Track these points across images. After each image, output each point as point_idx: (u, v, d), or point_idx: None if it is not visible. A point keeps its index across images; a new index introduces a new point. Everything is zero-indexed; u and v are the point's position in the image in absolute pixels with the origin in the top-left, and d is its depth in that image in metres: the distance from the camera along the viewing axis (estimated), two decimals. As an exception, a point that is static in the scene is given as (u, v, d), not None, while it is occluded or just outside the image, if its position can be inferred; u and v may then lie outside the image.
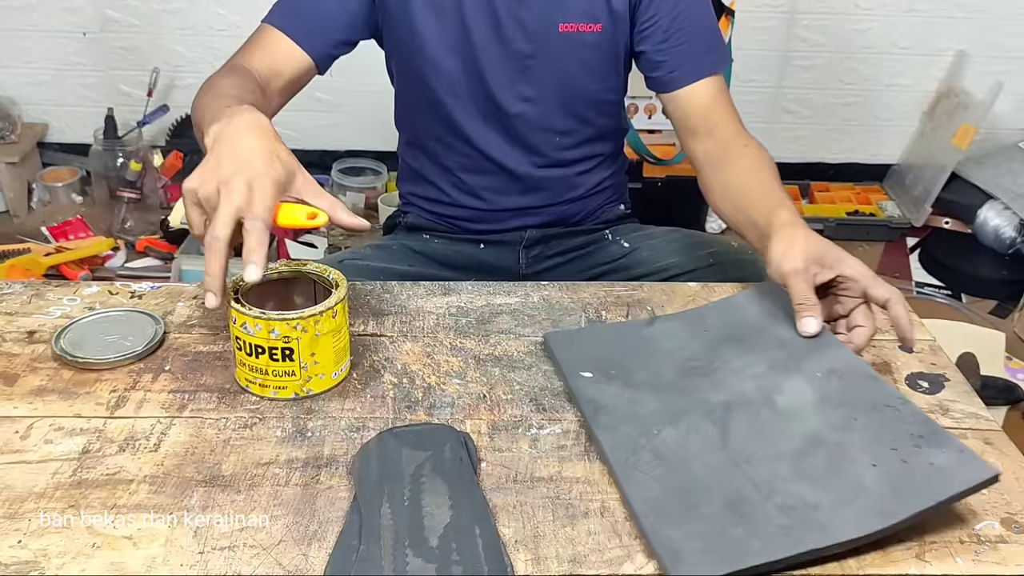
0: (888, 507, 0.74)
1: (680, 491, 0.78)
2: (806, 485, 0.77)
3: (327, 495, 0.79)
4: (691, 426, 0.85)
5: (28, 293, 1.07)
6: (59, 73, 2.83)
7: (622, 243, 1.39)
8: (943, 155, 2.74)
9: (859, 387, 0.88)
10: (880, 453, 0.79)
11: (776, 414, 0.86)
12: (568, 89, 1.28)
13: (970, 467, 0.77)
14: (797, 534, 0.73)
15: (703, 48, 1.26)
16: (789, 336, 0.95)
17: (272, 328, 0.87)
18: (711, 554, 0.71)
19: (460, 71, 1.25)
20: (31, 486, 0.78)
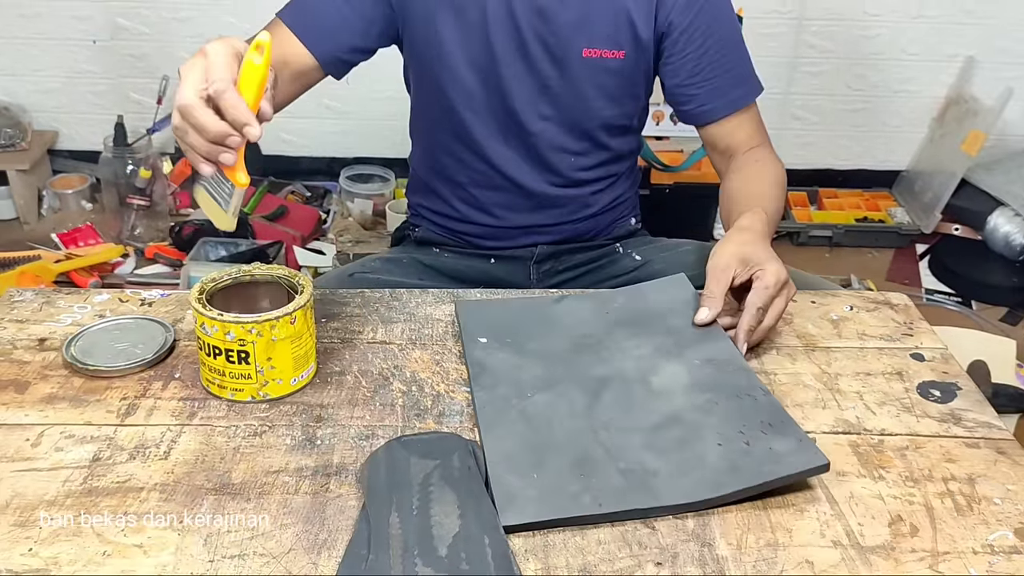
0: (720, 480, 0.80)
1: (533, 447, 0.84)
2: (652, 454, 0.83)
3: (336, 503, 0.79)
4: (563, 393, 0.92)
5: (39, 301, 1.08)
6: (69, 81, 2.84)
7: (634, 256, 1.39)
8: (953, 161, 2.73)
9: (728, 376, 0.94)
10: (728, 434, 0.85)
11: (647, 392, 0.92)
12: (585, 112, 1.28)
13: (805, 455, 0.82)
14: (628, 495, 0.79)
15: (733, 82, 1.28)
16: (681, 326, 1.02)
17: (228, 330, 0.87)
18: (542, 503, 0.78)
19: (481, 86, 1.24)
20: (42, 494, 0.78)
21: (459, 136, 1.29)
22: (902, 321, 1.11)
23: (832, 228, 2.76)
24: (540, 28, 1.21)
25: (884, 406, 0.95)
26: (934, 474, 0.85)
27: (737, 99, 1.28)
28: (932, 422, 0.93)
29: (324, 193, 2.92)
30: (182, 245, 2.52)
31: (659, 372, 0.95)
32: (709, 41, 1.24)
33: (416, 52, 1.27)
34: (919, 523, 0.79)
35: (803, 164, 3.02)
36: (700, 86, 1.26)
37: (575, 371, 0.95)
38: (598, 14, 1.21)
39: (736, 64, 1.28)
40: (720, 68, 1.26)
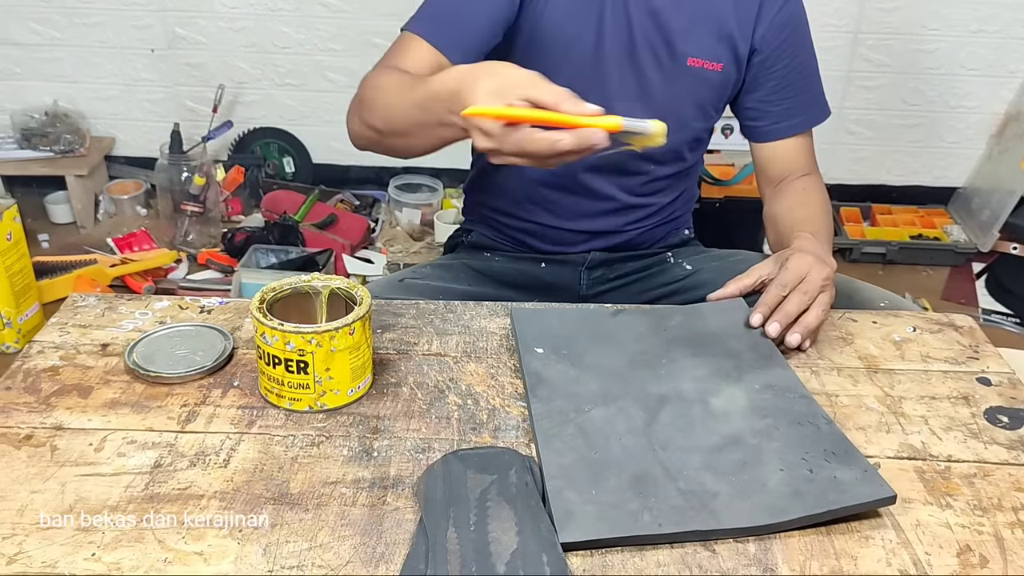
0: (783, 505, 0.78)
1: (592, 462, 0.83)
2: (712, 476, 0.82)
3: (394, 516, 0.79)
4: (621, 409, 0.91)
5: (101, 306, 1.09)
6: (127, 89, 2.89)
7: (684, 265, 1.38)
8: (1012, 179, 2.69)
9: (789, 402, 0.92)
10: (790, 460, 0.84)
11: (706, 413, 0.91)
12: (679, 122, 1.27)
13: (870, 486, 0.81)
14: (688, 516, 0.77)
15: (808, 102, 1.29)
16: (740, 349, 1.01)
17: (288, 340, 0.88)
18: (601, 520, 0.77)
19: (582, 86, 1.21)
20: (104, 499, 0.79)
21: None
22: (967, 344, 1.09)
23: (886, 245, 2.73)
24: (651, 32, 1.21)
25: (950, 431, 0.93)
26: (1003, 503, 0.83)
27: (807, 120, 1.30)
28: (1000, 449, 0.91)
29: (373, 202, 2.93)
30: (233, 251, 2.55)
31: (718, 394, 0.93)
32: (794, 62, 1.26)
33: (518, 47, 1.23)
34: (989, 554, 0.77)
35: (856, 179, 2.99)
36: (777, 104, 1.28)
37: (632, 387, 0.94)
38: (705, 24, 1.22)
39: (811, 87, 1.30)
40: (797, 89, 1.28)
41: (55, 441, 0.86)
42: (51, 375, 0.96)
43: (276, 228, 2.60)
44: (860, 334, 1.10)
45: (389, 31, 2.63)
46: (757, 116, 1.30)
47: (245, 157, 2.91)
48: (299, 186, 2.92)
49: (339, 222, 2.74)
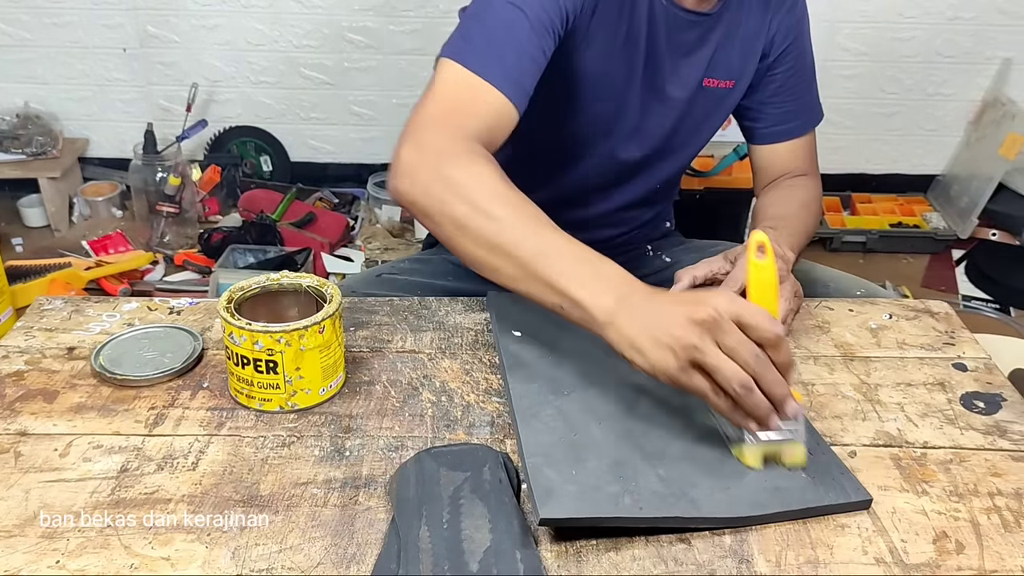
0: (761, 500, 0.78)
1: (572, 444, 0.83)
2: (692, 466, 0.82)
3: (365, 516, 0.78)
4: (600, 394, 0.91)
5: (68, 309, 1.08)
6: (100, 89, 2.87)
7: (664, 257, 1.38)
8: (990, 165, 2.70)
9: None
10: None
11: (684, 404, 0.90)
12: (690, 141, 1.27)
13: (847, 488, 0.81)
14: (668, 501, 0.77)
15: (804, 107, 1.28)
16: None
17: (256, 340, 0.87)
18: (582, 500, 0.76)
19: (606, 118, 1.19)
20: (70, 505, 0.78)
21: (554, 156, 1.24)
22: (943, 330, 1.09)
23: (866, 233, 2.74)
24: (678, 60, 1.16)
25: (926, 418, 0.93)
26: (980, 489, 0.83)
27: (803, 124, 1.29)
28: (977, 434, 0.91)
29: (352, 200, 2.92)
30: (211, 252, 2.53)
31: None
32: (796, 65, 1.25)
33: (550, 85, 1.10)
34: (965, 540, 0.77)
35: (836, 169, 3.00)
36: (777, 106, 1.27)
37: (611, 374, 0.93)
38: (728, 45, 1.18)
39: (808, 90, 1.29)
40: (797, 92, 1.27)
41: (19, 447, 0.85)
42: (15, 380, 0.94)
43: (254, 228, 2.59)
44: (836, 322, 1.09)
45: (364, 27, 2.63)
46: (755, 117, 1.28)
47: (221, 156, 2.89)
48: (277, 185, 2.90)
49: (318, 220, 2.72)
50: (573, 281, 0.83)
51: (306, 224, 2.69)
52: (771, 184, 1.30)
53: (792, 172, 1.30)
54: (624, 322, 0.81)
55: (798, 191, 1.26)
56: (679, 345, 0.77)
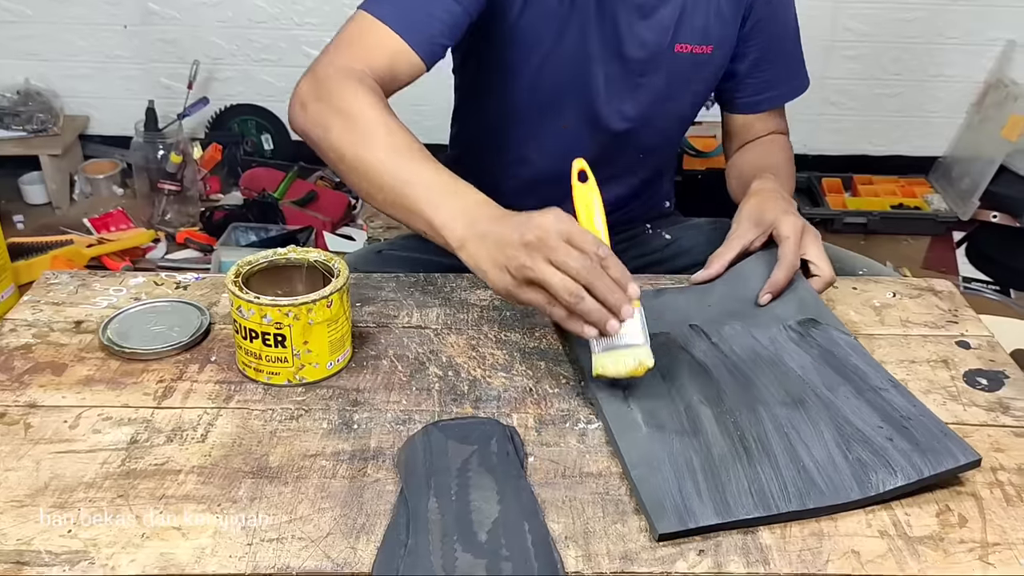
0: (869, 479, 0.78)
1: (673, 451, 0.81)
2: (789, 457, 0.81)
3: (374, 488, 0.79)
4: (687, 395, 0.89)
5: (75, 283, 1.08)
6: (100, 66, 2.87)
7: (663, 235, 1.38)
8: (992, 147, 2.71)
9: (855, 366, 0.93)
10: (869, 430, 0.84)
11: (778, 374, 0.91)
12: (667, 109, 1.25)
13: (954, 450, 0.81)
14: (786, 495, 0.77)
15: (785, 76, 1.28)
16: (788, 313, 1.01)
17: (265, 313, 0.87)
18: (693, 508, 0.75)
19: (570, 83, 1.20)
20: (80, 476, 0.79)
21: (527, 134, 1.24)
22: (947, 308, 1.10)
23: (867, 215, 2.75)
24: (637, 24, 1.16)
25: (930, 394, 0.93)
26: (983, 464, 0.83)
27: (785, 94, 1.29)
28: (979, 411, 0.91)
29: (353, 179, 2.93)
30: (212, 230, 2.54)
31: (779, 364, 0.93)
32: (777, 32, 1.24)
33: (494, 46, 1.18)
34: (967, 513, 0.78)
35: (838, 150, 3.01)
36: (757, 76, 1.27)
37: (691, 372, 0.92)
38: (695, 7, 1.18)
39: (792, 57, 1.28)
40: (779, 60, 1.26)
41: (29, 419, 0.86)
42: (24, 353, 0.95)
43: (255, 206, 2.59)
44: (841, 300, 1.10)
45: (366, 4, 2.61)
46: (735, 87, 1.28)
47: (222, 134, 2.90)
48: (278, 163, 2.90)
49: (319, 199, 2.73)
50: (430, 208, 0.90)
51: (308, 203, 2.70)
52: (747, 144, 1.30)
53: (760, 132, 1.31)
54: (472, 247, 0.88)
55: (779, 147, 1.27)
56: (512, 266, 0.84)
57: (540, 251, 0.83)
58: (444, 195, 0.91)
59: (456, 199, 0.91)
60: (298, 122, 1.02)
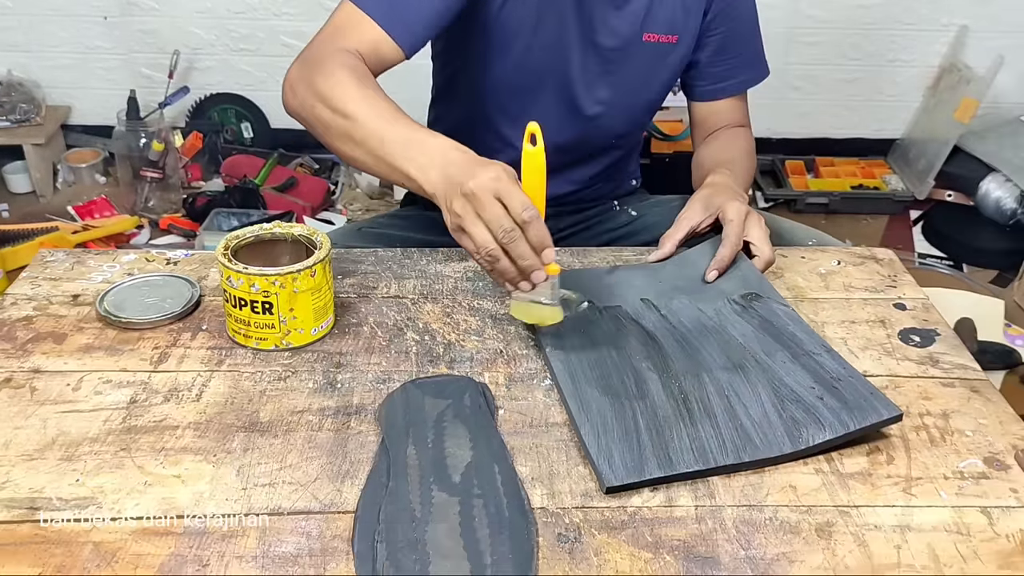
0: (804, 435, 0.84)
1: (621, 411, 0.88)
2: (727, 416, 0.87)
3: (357, 439, 0.85)
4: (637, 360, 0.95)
5: (70, 261, 1.13)
6: (81, 57, 2.88)
7: (630, 211, 1.45)
8: (946, 129, 2.77)
9: (791, 334, 0.99)
10: (802, 391, 0.90)
11: (721, 342, 0.98)
12: (638, 95, 1.32)
13: (879, 407, 0.87)
14: (725, 449, 0.83)
15: (746, 64, 1.34)
16: (732, 288, 1.07)
17: (253, 283, 0.93)
18: (639, 463, 0.81)
19: (547, 68, 1.26)
20: (85, 431, 0.85)
21: (507, 118, 1.30)
22: (887, 274, 1.17)
23: (828, 195, 2.80)
24: (609, 14, 1.23)
25: (867, 351, 1.01)
26: (911, 410, 0.91)
27: (747, 81, 1.35)
28: (911, 364, 0.99)
29: (332, 165, 2.96)
30: (195, 216, 2.57)
31: (723, 331, 1.00)
32: (736, 22, 1.30)
33: (474, 36, 1.24)
34: (895, 453, 0.85)
35: (801, 133, 3.06)
36: (718, 65, 1.32)
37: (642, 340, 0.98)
38: None
39: (751, 46, 1.34)
40: (738, 50, 1.32)
41: (34, 383, 0.91)
42: (25, 324, 1.00)
43: (237, 192, 2.63)
44: (790, 268, 1.17)
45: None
46: (698, 76, 1.34)
47: (203, 123, 2.92)
48: (258, 151, 2.93)
49: (299, 185, 2.76)
50: (406, 162, 0.97)
51: (288, 188, 2.73)
52: (710, 135, 1.36)
53: (729, 124, 1.36)
54: (441, 191, 0.95)
55: (737, 140, 1.34)
56: (451, 212, 0.93)
57: (472, 204, 0.90)
58: (417, 148, 0.98)
59: (427, 150, 0.97)
60: (290, 105, 1.09)
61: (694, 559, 0.73)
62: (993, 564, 0.74)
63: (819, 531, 0.76)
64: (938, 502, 0.80)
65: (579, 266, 1.16)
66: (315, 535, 0.74)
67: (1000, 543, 0.76)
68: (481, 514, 0.75)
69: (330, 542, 0.74)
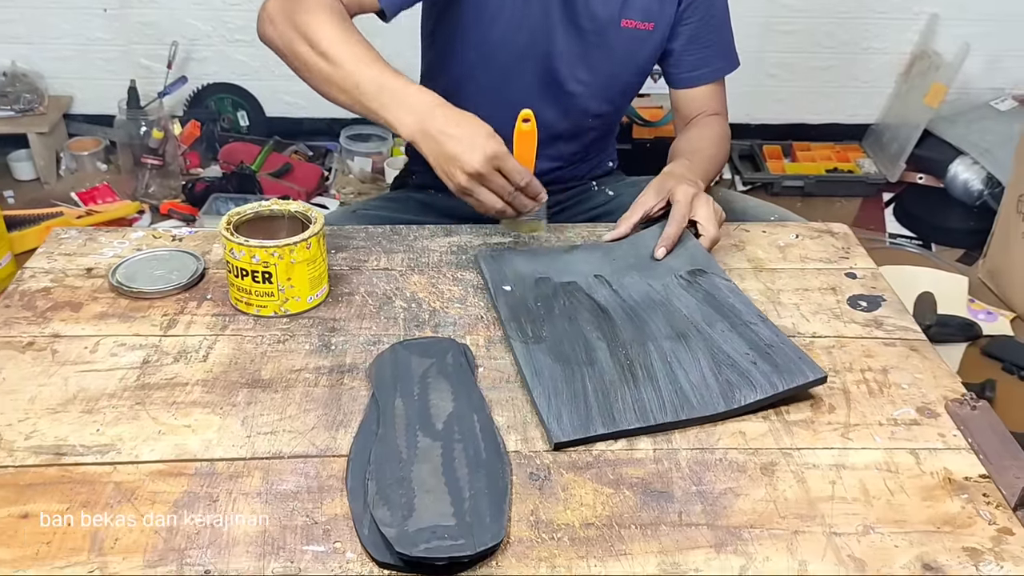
0: (737, 395, 0.92)
1: (570, 374, 0.95)
2: (668, 379, 0.94)
3: (350, 394, 0.93)
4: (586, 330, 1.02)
5: (83, 238, 1.21)
6: (82, 48, 2.92)
7: (607, 192, 1.52)
8: (917, 114, 2.82)
9: (731, 306, 1.06)
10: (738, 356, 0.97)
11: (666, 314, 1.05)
12: (616, 77, 1.39)
13: (806, 370, 0.94)
14: (664, 408, 0.91)
15: (720, 53, 1.42)
16: (679, 265, 1.14)
17: (254, 254, 1.01)
18: (585, 420, 0.88)
19: (529, 46, 1.33)
20: (103, 388, 0.93)
21: (491, 91, 1.36)
22: (841, 247, 1.25)
23: (804, 179, 2.86)
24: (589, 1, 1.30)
25: (817, 315, 1.09)
26: (854, 366, 1.00)
27: (720, 69, 1.43)
28: (857, 326, 1.07)
29: (325, 152, 3.01)
30: (194, 201, 2.62)
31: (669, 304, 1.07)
32: (709, 12, 1.38)
33: (467, 11, 1.31)
34: (837, 403, 0.94)
35: (778, 120, 3.11)
36: (693, 53, 1.40)
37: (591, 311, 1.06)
38: None
39: (724, 37, 1.42)
40: (709, 40, 1.40)
41: (54, 346, 0.99)
42: (44, 294, 1.08)
43: (234, 178, 2.68)
44: (751, 241, 1.25)
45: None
46: (674, 63, 1.42)
47: (200, 112, 2.96)
48: (254, 138, 2.98)
49: (294, 171, 2.81)
50: (382, 108, 1.08)
51: (283, 174, 2.79)
52: (689, 123, 1.44)
53: (706, 112, 1.44)
54: (423, 144, 1.08)
55: (708, 129, 1.41)
56: (458, 188, 1.08)
57: (479, 181, 1.07)
58: (392, 95, 1.07)
59: (403, 98, 1.07)
60: (267, 35, 1.16)
61: (651, 493, 0.82)
62: (917, 497, 0.83)
63: (763, 469, 0.85)
64: (872, 445, 0.89)
65: (557, 242, 1.24)
66: (312, 475, 0.83)
67: (925, 479, 0.85)
68: (461, 456, 0.83)
69: (326, 481, 0.82)
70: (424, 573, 0.74)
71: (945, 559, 0.77)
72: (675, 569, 0.74)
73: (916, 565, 0.76)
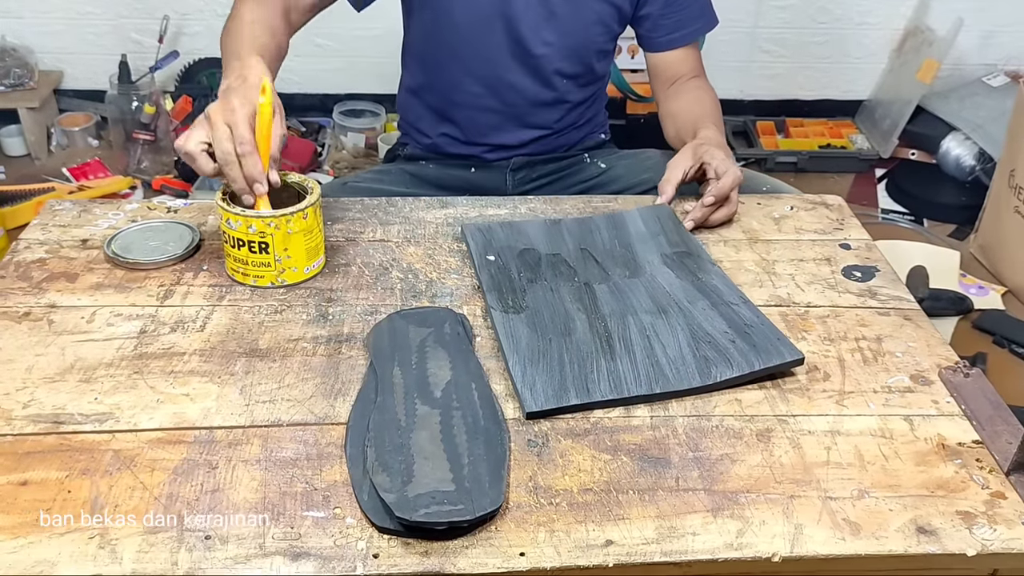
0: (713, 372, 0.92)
1: (547, 346, 0.95)
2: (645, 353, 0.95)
3: (348, 362, 0.94)
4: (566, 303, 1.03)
5: (77, 209, 1.21)
6: (73, 22, 2.89)
7: (599, 164, 1.53)
8: (910, 90, 2.83)
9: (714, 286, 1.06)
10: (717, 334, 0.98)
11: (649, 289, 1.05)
12: (582, 37, 1.40)
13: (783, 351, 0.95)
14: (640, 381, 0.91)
15: (697, 14, 1.43)
16: (667, 245, 1.15)
17: (250, 224, 1.01)
18: (559, 391, 0.89)
19: (492, 10, 1.35)
20: (100, 358, 0.93)
21: (462, 58, 1.39)
22: (835, 218, 1.26)
23: (797, 155, 2.86)
24: None
25: (812, 285, 1.10)
26: (848, 335, 1.01)
27: (696, 31, 1.44)
28: (851, 296, 1.08)
29: (318, 128, 3.00)
30: (187, 176, 2.61)
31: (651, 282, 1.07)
32: None
33: None
34: (831, 371, 0.95)
35: (771, 95, 3.11)
36: (669, 16, 1.41)
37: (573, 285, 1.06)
38: None
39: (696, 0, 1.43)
40: (686, 2, 1.41)
41: (51, 316, 0.99)
42: (39, 265, 1.08)
43: (226, 154, 2.66)
44: (746, 213, 1.26)
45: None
46: (652, 27, 1.43)
47: (192, 87, 2.95)
48: (246, 115, 2.95)
49: (287, 146, 2.73)
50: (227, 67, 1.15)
51: (276, 151, 2.77)
52: (673, 87, 1.45)
53: (685, 75, 1.45)
54: None
55: (706, 94, 1.42)
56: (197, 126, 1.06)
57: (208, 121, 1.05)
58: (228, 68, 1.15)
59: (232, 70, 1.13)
60: None
61: (648, 459, 0.83)
62: (911, 462, 0.84)
63: (759, 436, 0.86)
64: (866, 411, 0.90)
65: (552, 213, 1.24)
66: (311, 442, 0.83)
67: (919, 445, 0.86)
68: (459, 423, 0.83)
69: (325, 448, 0.83)
70: (424, 538, 0.74)
71: (939, 522, 0.78)
72: (672, 533, 0.75)
73: (911, 528, 0.77)
